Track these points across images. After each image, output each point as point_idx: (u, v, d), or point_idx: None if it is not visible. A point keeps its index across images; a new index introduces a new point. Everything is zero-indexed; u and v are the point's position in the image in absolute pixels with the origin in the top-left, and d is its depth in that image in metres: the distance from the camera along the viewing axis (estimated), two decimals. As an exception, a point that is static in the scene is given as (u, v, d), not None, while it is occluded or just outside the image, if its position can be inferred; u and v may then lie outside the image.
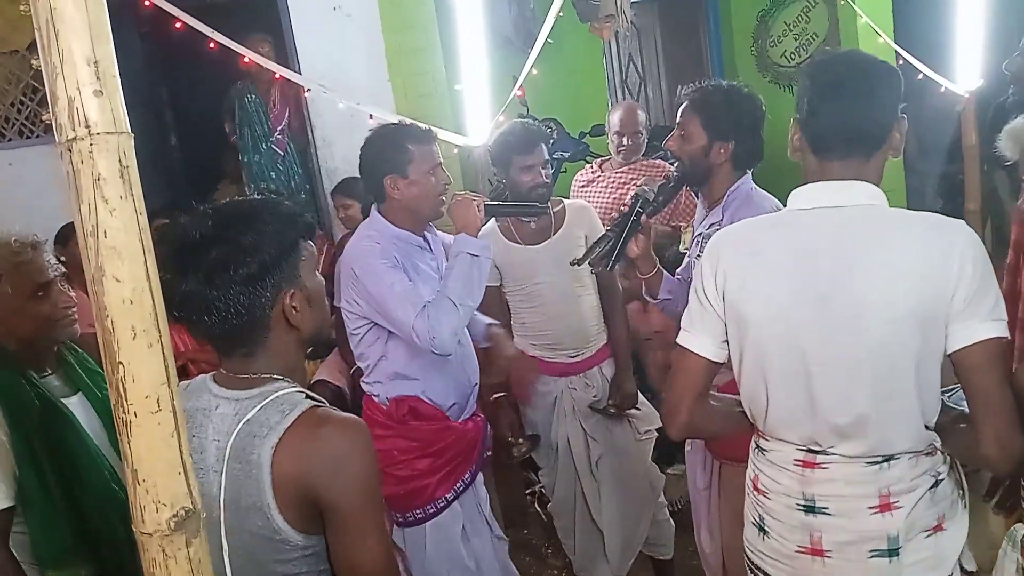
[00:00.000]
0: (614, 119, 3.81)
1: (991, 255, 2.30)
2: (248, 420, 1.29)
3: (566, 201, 3.10)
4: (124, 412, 0.79)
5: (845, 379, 1.48)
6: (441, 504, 2.49)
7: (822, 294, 1.47)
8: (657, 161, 3.89)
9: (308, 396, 1.35)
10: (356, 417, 1.35)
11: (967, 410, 1.49)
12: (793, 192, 1.59)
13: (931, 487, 1.51)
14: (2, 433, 1.76)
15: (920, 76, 4.51)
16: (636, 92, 7.00)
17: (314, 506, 1.27)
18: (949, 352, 1.45)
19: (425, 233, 2.57)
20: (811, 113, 1.56)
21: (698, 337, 1.63)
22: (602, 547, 3.08)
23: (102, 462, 1.88)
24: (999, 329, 1.43)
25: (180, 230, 1.34)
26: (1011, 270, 2.53)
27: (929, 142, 5.67)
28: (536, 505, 4.00)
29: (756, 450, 1.67)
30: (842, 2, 5.31)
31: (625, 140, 3.76)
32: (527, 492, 4.07)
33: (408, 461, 2.45)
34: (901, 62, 4.78)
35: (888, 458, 1.50)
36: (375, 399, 2.54)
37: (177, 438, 0.81)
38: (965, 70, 4.38)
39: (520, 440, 3.03)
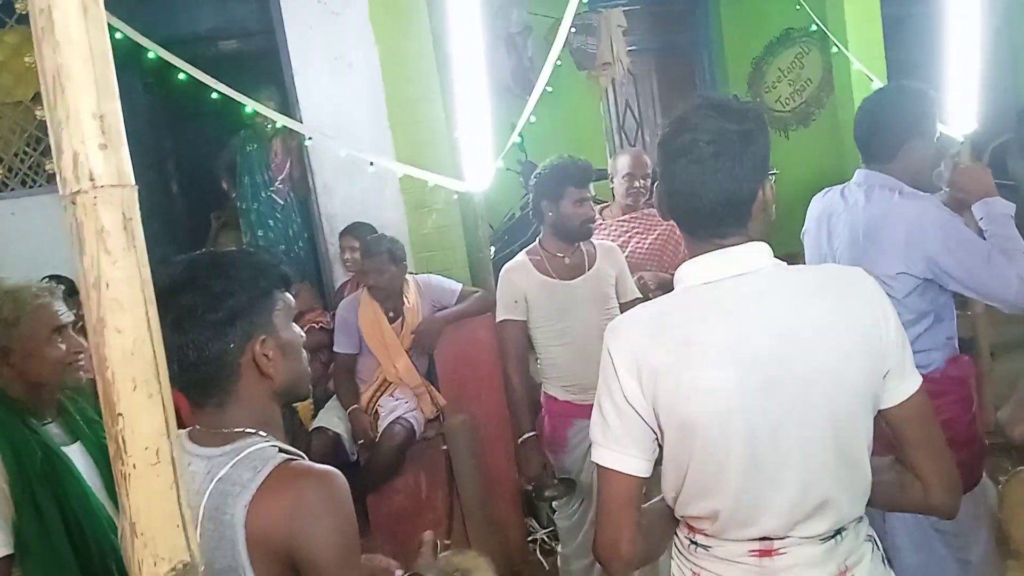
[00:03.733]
0: (623, 163, 3.78)
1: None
2: (220, 478, 1.26)
3: (594, 240, 3.12)
4: (123, 464, 0.78)
5: (807, 461, 1.33)
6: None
7: (766, 378, 1.30)
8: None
9: (282, 450, 1.31)
10: (332, 468, 1.30)
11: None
12: (684, 267, 1.43)
13: (872, 551, 1.45)
14: (3, 480, 1.76)
15: (914, 120, 4.55)
16: (633, 138, 7.08)
17: (291, 565, 1.23)
18: (887, 407, 1.38)
19: None
20: (665, 188, 1.42)
21: (627, 454, 1.38)
22: None
23: (101, 511, 1.87)
24: (920, 377, 1.41)
25: (154, 278, 1.35)
26: None
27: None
28: (538, 553, 3.94)
29: (691, 546, 1.46)
30: (835, 49, 5.39)
31: (636, 183, 3.76)
32: (529, 540, 4.02)
33: (970, 424, 2.36)
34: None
35: (839, 531, 1.39)
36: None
37: (176, 490, 0.80)
38: (959, 114, 4.43)
39: (555, 482, 3.00)
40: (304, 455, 1.35)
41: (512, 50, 5.89)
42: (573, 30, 5.18)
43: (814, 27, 5.67)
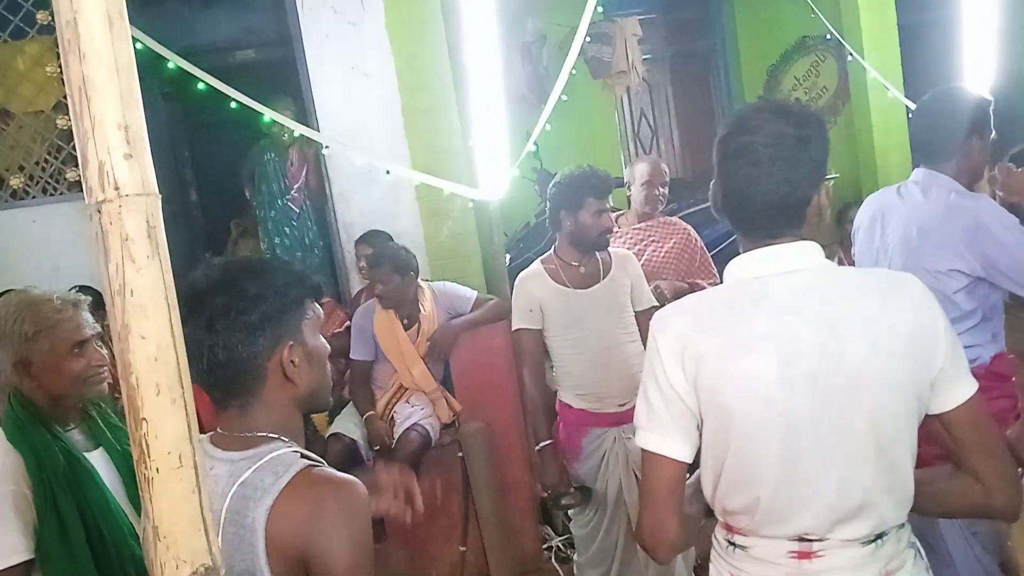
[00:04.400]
0: (642, 170, 3.77)
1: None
2: (243, 482, 1.28)
3: (610, 249, 3.10)
4: (147, 468, 0.80)
5: (846, 459, 1.33)
6: None
7: (807, 372, 1.32)
8: (672, 219, 3.88)
9: (304, 456, 1.34)
10: (352, 477, 1.32)
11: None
12: (734, 262, 1.45)
13: (915, 558, 1.44)
14: (25, 486, 1.77)
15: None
16: (648, 146, 7.08)
17: (305, 571, 1.25)
18: (938, 412, 1.38)
19: None
20: (720, 187, 1.45)
21: (669, 438, 1.40)
22: None
23: (122, 518, 1.88)
24: (975, 381, 1.39)
25: (191, 279, 1.36)
26: None
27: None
28: (553, 561, 3.94)
29: (729, 547, 1.47)
30: (851, 58, 5.38)
31: (656, 191, 3.75)
32: (544, 547, 4.01)
33: (1013, 421, 2.34)
34: (911, 115, 4.83)
35: (881, 535, 1.38)
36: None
37: (198, 494, 0.82)
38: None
39: (572, 490, 3.00)
40: (324, 462, 1.37)
41: (527, 59, 5.91)
42: (588, 39, 5.18)
43: (829, 35, 5.66)
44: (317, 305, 1.45)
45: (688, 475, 1.48)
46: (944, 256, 2.27)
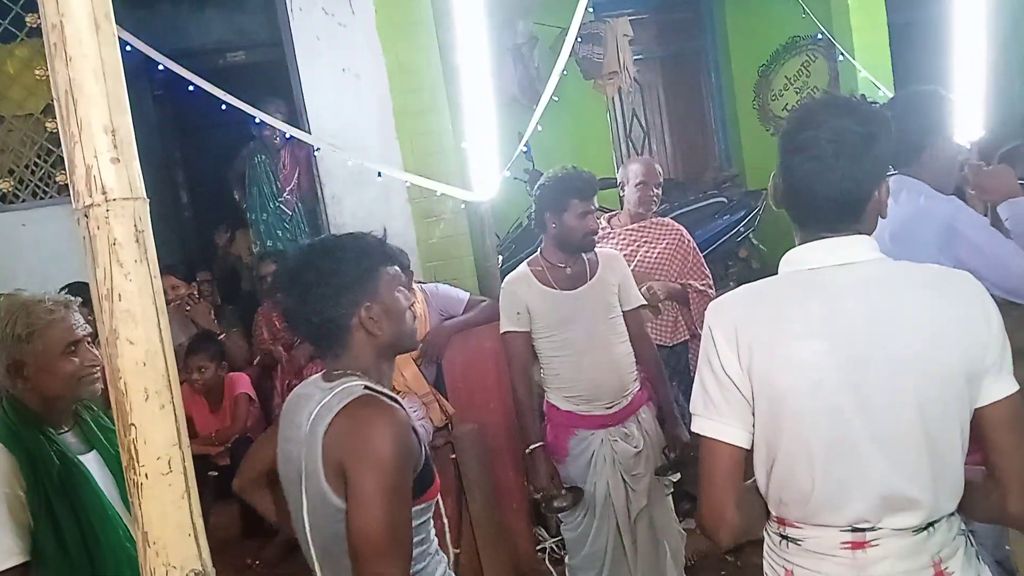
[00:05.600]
0: (637, 171, 3.76)
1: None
2: (322, 404, 1.60)
3: (597, 249, 3.09)
4: (135, 474, 0.79)
5: (893, 445, 1.36)
6: None
7: (859, 356, 1.34)
8: (665, 220, 3.88)
9: (368, 387, 1.62)
10: (395, 406, 1.60)
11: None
12: (790, 253, 1.48)
13: (966, 546, 1.45)
14: (20, 488, 1.77)
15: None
16: (640, 146, 7.08)
17: (345, 474, 1.52)
18: (977, 406, 1.39)
19: None
20: (782, 181, 1.47)
21: (726, 423, 1.43)
22: None
23: (116, 520, 1.88)
24: (1016, 383, 1.40)
25: (286, 260, 1.72)
26: None
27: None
28: (547, 562, 3.93)
29: (784, 542, 1.48)
30: (841, 58, 5.39)
31: (651, 192, 3.75)
32: (537, 549, 4.01)
33: None
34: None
35: (932, 523, 1.39)
36: None
37: (188, 500, 0.81)
38: (966, 121, 4.42)
39: (563, 492, 2.99)
40: (396, 398, 1.65)
41: (519, 60, 5.91)
42: (579, 40, 5.19)
43: (820, 35, 5.68)
44: (394, 267, 1.77)
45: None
46: (917, 260, 2.27)
